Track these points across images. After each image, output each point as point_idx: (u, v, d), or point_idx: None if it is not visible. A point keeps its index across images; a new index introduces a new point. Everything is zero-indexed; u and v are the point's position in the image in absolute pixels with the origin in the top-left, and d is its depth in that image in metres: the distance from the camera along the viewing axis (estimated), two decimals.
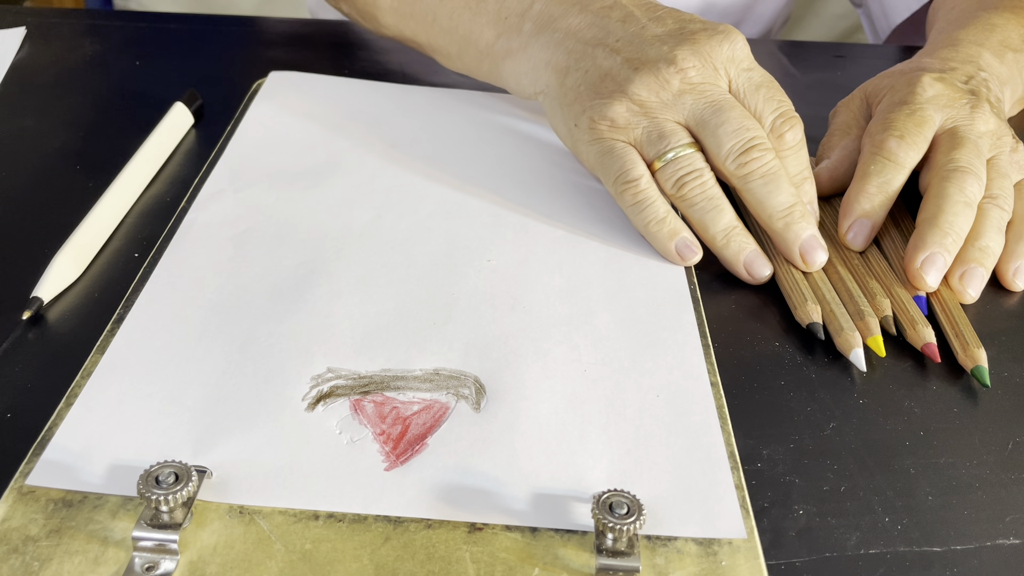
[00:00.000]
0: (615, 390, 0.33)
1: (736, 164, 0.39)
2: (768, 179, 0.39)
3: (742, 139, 0.39)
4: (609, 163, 0.41)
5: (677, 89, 0.40)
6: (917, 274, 0.38)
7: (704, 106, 0.40)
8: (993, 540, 0.29)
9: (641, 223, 0.40)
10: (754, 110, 0.40)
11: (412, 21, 0.51)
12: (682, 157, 0.39)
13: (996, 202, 0.40)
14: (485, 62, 0.48)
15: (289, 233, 0.40)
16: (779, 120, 0.40)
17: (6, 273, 0.37)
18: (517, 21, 0.46)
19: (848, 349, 0.35)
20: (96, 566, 0.25)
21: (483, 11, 0.47)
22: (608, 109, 0.40)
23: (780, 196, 0.39)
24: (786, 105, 0.41)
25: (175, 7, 1.23)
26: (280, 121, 0.49)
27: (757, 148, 0.39)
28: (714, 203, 0.39)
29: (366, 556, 0.26)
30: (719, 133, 0.39)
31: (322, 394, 0.31)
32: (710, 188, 0.39)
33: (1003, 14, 0.51)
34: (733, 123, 0.39)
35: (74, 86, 0.53)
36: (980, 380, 0.34)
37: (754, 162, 0.39)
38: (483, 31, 0.47)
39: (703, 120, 0.40)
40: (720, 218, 0.39)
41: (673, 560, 0.27)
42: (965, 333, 0.36)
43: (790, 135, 0.40)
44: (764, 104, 0.40)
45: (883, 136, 0.42)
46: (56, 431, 0.29)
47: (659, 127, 0.40)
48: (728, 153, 0.39)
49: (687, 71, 0.40)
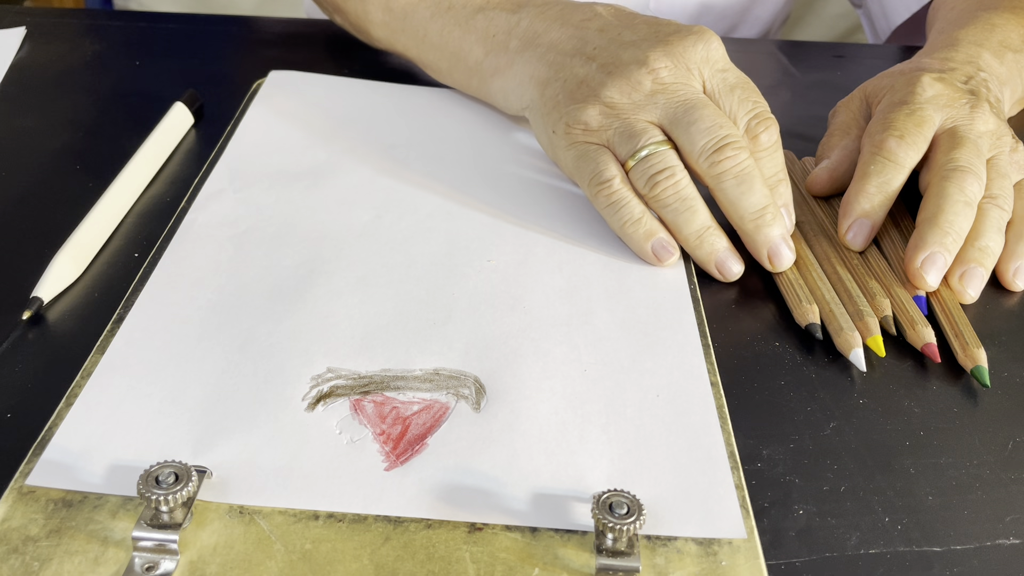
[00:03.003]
0: (615, 390, 0.33)
1: (709, 163, 0.39)
2: (741, 179, 0.39)
3: (715, 137, 0.38)
4: (583, 166, 0.41)
5: (649, 90, 0.40)
6: (917, 274, 0.38)
7: (676, 105, 0.40)
8: (993, 540, 0.29)
9: (616, 224, 0.40)
10: (729, 111, 0.40)
11: (403, 36, 0.52)
12: (654, 155, 0.39)
13: (996, 202, 0.40)
14: (474, 78, 0.49)
15: (289, 233, 0.40)
16: (754, 121, 0.40)
17: (6, 273, 0.37)
18: (504, 39, 0.47)
19: (848, 349, 0.35)
20: (96, 566, 0.25)
21: (472, 29, 0.48)
22: (582, 113, 0.41)
23: (753, 197, 0.39)
24: (761, 106, 0.40)
25: (175, 7, 1.23)
26: (280, 121, 0.49)
27: (731, 147, 0.38)
28: (687, 204, 0.39)
29: (366, 556, 0.26)
30: (691, 131, 0.39)
31: (322, 394, 0.31)
32: (683, 188, 0.39)
33: (1003, 14, 0.51)
34: (706, 121, 0.39)
35: (74, 86, 0.53)
36: (980, 380, 0.34)
37: (727, 161, 0.38)
38: (472, 48, 0.48)
39: (676, 118, 0.39)
40: (693, 219, 0.39)
41: (673, 560, 0.27)
42: (965, 333, 0.36)
43: (765, 136, 0.40)
44: (739, 105, 0.40)
45: (883, 136, 0.41)
46: (56, 431, 0.29)
47: (630, 126, 0.40)
48: (701, 151, 0.39)
49: (659, 71, 0.40)
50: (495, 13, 0.48)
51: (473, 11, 0.48)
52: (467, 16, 0.48)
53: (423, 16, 0.50)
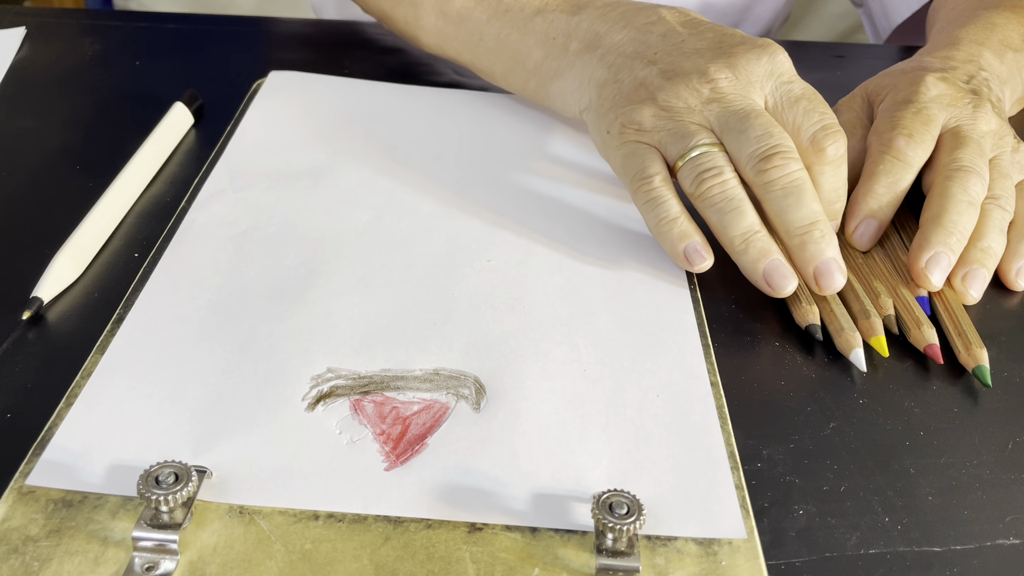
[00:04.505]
0: (615, 390, 0.33)
1: (756, 171, 0.37)
2: (789, 191, 0.37)
3: (764, 145, 0.37)
4: (630, 163, 0.40)
5: (707, 97, 0.39)
6: (922, 273, 0.38)
7: (731, 113, 0.39)
8: (993, 540, 0.29)
9: (652, 222, 0.39)
10: (793, 123, 0.39)
11: (456, 42, 0.51)
12: (704, 154, 0.38)
13: (998, 203, 0.40)
14: (532, 81, 0.48)
15: (289, 233, 0.40)
16: (820, 133, 0.38)
17: (6, 273, 0.37)
18: (564, 41, 0.46)
19: (848, 349, 0.35)
20: (96, 566, 0.25)
21: (531, 32, 0.47)
22: (636, 113, 0.40)
23: (801, 210, 0.37)
24: (828, 118, 0.39)
25: (175, 7, 1.23)
26: (280, 121, 0.49)
27: (780, 156, 0.37)
28: (734, 204, 0.37)
29: (366, 556, 0.26)
30: (741, 139, 0.38)
31: (322, 394, 0.31)
32: (731, 188, 0.37)
33: (1003, 13, 0.51)
34: (757, 129, 0.37)
35: (74, 86, 0.53)
36: (981, 380, 0.34)
37: (775, 170, 0.37)
38: (531, 51, 0.48)
39: (728, 125, 0.38)
40: (740, 220, 0.37)
41: (673, 560, 0.27)
42: (968, 333, 0.36)
43: (831, 149, 0.38)
44: (803, 116, 0.39)
45: (891, 135, 0.41)
46: (56, 431, 0.29)
47: (683, 128, 0.39)
48: (749, 158, 0.37)
49: (718, 82, 0.39)
50: (555, 15, 0.47)
51: (532, 13, 0.48)
52: (525, 19, 0.48)
53: (479, 20, 0.50)
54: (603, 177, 0.46)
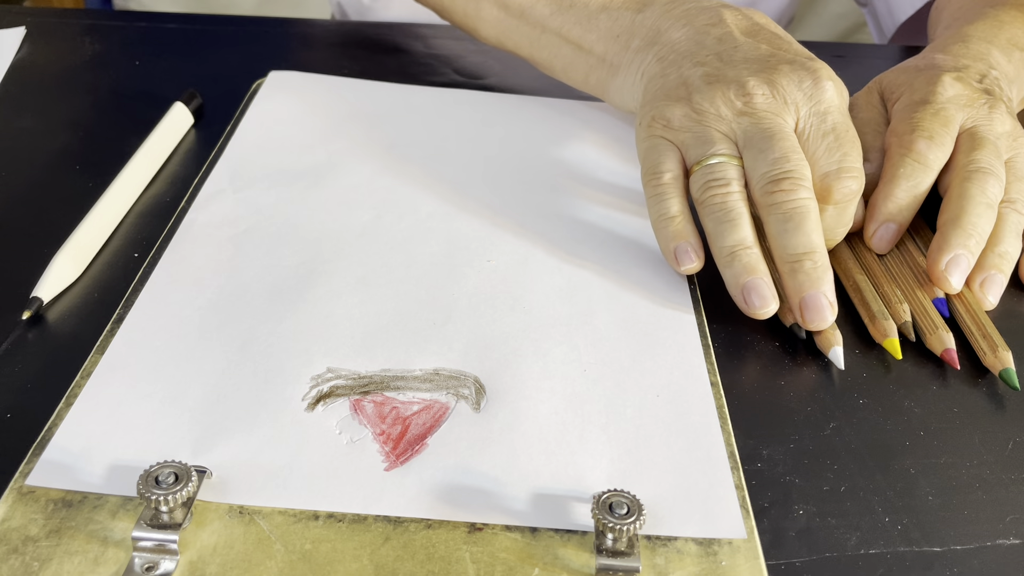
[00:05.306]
0: (615, 390, 0.33)
1: (764, 191, 0.37)
2: (790, 216, 0.36)
3: (779, 168, 0.37)
4: (649, 157, 0.40)
5: (739, 110, 0.39)
6: (942, 276, 0.38)
7: (757, 130, 0.38)
8: (993, 540, 0.29)
9: (653, 215, 0.39)
10: (813, 155, 0.38)
11: (516, 34, 0.52)
12: (719, 164, 0.38)
13: (1014, 206, 0.40)
14: (592, 76, 0.49)
15: (289, 233, 0.40)
16: (835, 173, 0.37)
17: (6, 273, 0.37)
18: (627, 38, 0.46)
19: (828, 347, 0.35)
20: (96, 566, 0.25)
21: (594, 28, 0.48)
22: (668, 110, 0.40)
23: (798, 238, 0.36)
24: (848, 161, 0.38)
25: (175, 7, 1.23)
26: (280, 121, 0.49)
27: (791, 181, 0.36)
28: (732, 216, 0.37)
29: (366, 556, 0.26)
30: (758, 158, 0.37)
31: (322, 394, 0.31)
32: (733, 201, 0.37)
33: (1009, 11, 0.51)
34: (777, 151, 0.37)
35: (74, 86, 0.53)
36: (1009, 383, 0.34)
37: (780, 194, 0.36)
38: (593, 47, 0.48)
39: (752, 142, 0.38)
40: (733, 232, 0.37)
41: (673, 560, 0.27)
42: (992, 335, 0.36)
43: (838, 193, 0.37)
44: (824, 152, 0.38)
45: (911, 137, 0.41)
46: (56, 431, 0.29)
47: (707, 134, 0.39)
48: (761, 178, 0.37)
49: (754, 96, 0.39)
50: (619, 12, 0.47)
51: (596, 10, 0.48)
52: (589, 15, 0.48)
53: (542, 14, 0.50)
54: (603, 177, 0.46)
